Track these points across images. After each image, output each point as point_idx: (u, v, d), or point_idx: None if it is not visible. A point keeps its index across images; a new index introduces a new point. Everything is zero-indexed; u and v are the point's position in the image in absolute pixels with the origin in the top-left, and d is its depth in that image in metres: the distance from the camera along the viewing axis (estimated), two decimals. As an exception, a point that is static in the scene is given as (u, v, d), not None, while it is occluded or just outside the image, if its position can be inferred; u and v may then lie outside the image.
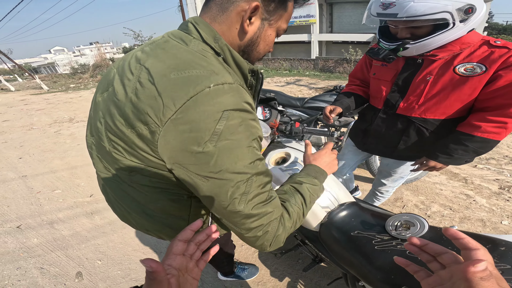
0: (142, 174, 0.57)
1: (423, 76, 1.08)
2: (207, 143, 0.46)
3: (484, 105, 1.02)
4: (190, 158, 0.47)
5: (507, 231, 1.83)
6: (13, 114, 7.03)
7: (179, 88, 0.47)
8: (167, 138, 0.47)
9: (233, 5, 0.54)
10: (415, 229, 0.89)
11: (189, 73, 0.48)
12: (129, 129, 0.51)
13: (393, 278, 0.81)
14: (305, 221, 1.07)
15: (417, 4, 0.85)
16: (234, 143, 0.48)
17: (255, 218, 0.53)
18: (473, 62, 0.97)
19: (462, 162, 1.11)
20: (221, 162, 0.47)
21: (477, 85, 0.99)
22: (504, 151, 3.04)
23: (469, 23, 0.91)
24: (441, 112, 1.11)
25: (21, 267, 1.80)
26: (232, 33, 0.57)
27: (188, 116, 0.46)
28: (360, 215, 1.05)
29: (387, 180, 1.54)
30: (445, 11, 0.85)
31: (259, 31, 0.59)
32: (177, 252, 0.44)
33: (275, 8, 0.58)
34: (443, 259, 0.43)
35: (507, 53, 0.92)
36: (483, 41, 0.99)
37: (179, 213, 0.67)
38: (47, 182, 2.99)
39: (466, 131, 1.05)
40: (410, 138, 1.23)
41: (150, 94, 0.48)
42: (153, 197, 0.62)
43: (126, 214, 0.73)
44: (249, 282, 1.64)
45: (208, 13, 0.57)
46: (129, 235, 2.06)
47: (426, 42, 0.96)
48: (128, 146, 0.54)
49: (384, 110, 1.27)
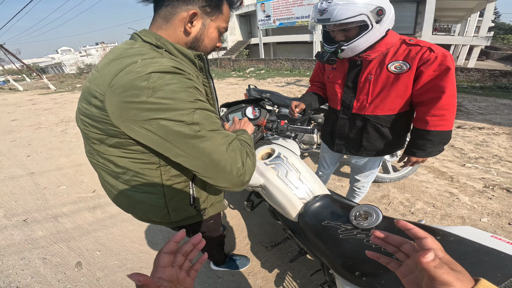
0: (107, 144, 0.70)
1: (366, 76, 1.21)
2: (143, 97, 0.58)
3: (420, 100, 1.16)
4: (132, 110, 0.59)
5: (486, 228, 1.91)
6: (22, 114, 7.28)
7: (114, 67, 0.62)
8: (110, 102, 0.61)
9: (175, 15, 0.71)
10: (371, 219, 0.99)
11: (124, 59, 0.63)
12: (88, 105, 0.67)
13: (350, 264, 0.90)
14: (286, 211, 1.17)
15: (342, 8, 1.00)
16: (169, 91, 0.59)
17: (212, 141, 0.65)
18: (399, 60, 1.12)
19: (436, 153, 1.24)
20: (163, 107, 0.59)
21: (408, 82, 1.13)
22: (494, 151, 3.09)
23: (383, 23, 1.06)
24: (388, 108, 1.25)
25: (25, 257, 1.94)
26: (178, 34, 0.73)
27: (121, 81, 0.59)
28: (331, 206, 1.15)
29: (360, 176, 1.65)
30: (362, 14, 1.00)
31: (201, 30, 0.76)
32: (165, 264, 0.44)
33: (212, 12, 0.74)
34: (404, 249, 0.45)
35: (420, 50, 1.08)
36: (401, 40, 1.15)
37: (152, 185, 0.80)
38: (53, 178, 3.16)
39: (421, 127, 1.18)
40: (370, 135, 1.35)
41: (96, 77, 0.66)
42: (122, 169, 0.76)
43: (113, 192, 0.86)
44: (241, 272, 1.72)
45: (155, 24, 0.74)
46: (128, 228, 2.19)
47: (356, 43, 1.10)
48: (91, 120, 0.68)
49: (343, 110, 1.39)
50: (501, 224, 1.94)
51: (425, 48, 1.08)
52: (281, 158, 1.27)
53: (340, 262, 0.92)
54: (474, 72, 8.02)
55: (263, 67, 13.06)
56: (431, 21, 12.55)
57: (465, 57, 15.42)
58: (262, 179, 1.23)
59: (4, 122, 6.34)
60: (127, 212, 0.92)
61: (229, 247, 1.95)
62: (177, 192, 0.86)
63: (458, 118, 4.44)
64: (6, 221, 2.36)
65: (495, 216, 2.03)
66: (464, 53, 15.56)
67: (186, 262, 0.49)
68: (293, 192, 1.16)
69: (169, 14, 0.71)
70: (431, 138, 1.17)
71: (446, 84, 1.06)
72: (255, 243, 1.96)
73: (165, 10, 0.71)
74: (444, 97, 1.07)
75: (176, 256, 0.47)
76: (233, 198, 2.53)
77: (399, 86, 1.15)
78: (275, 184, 1.19)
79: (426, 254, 0.37)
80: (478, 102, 5.43)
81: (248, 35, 21.10)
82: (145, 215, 0.89)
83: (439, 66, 1.05)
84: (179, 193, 0.87)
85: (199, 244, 0.51)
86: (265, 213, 2.20)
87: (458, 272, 0.36)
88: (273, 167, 1.24)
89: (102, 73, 0.64)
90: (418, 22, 13.51)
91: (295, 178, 1.20)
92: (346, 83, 1.31)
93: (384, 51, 1.14)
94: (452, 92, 1.08)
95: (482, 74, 7.83)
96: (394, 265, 0.47)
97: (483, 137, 3.54)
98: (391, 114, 1.26)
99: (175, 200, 0.87)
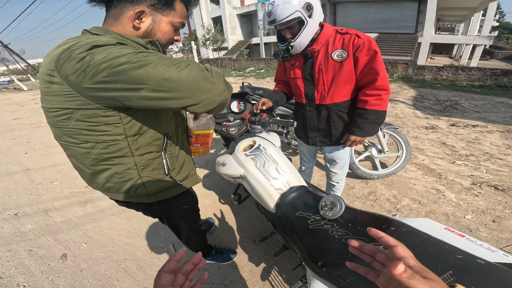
0: (74, 119, 0.73)
1: (318, 67, 1.32)
2: (87, 57, 0.63)
3: (362, 83, 1.31)
4: (81, 74, 0.64)
5: (468, 225, 1.91)
6: (24, 113, 7.39)
7: (60, 48, 0.68)
8: (61, 74, 0.66)
9: (122, 14, 0.77)
10: (336, 209, 1.00)
11: (69, 42, 0.69)
12: (47, 84, 0.71)
13: (315, 255, 0.91)
14: (264, 202, 1.20)
15: (282, 8, 1.12)
16: (111, 52, 0.64)
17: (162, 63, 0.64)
18: (338, 48, 1.25)
19: (372, 133, 1.39)
20: (107, 59, 0.63)
21: (350, 68, 1.26)
22: (485, 148, 3.08)
23: (314, 17, 1.18)
24: (342, 95, 1.36)
25: (12, 249, 1.98)
26: (128, 30, 0.78)
27: (68, 55, 0.65)
28: (305, 197, 1.16)
29: (335, 168, 1.68)
30: (296, 11, 1.12)
31: (151, 26, 0.81)
32: (165, 284, 0.43)
33: (163, 9, 0.80)
34: (378, 258, 0.44)
35: (351, 37, 1.22)
36: (335, 30, 1.27)
37: (122, 155, 0.83)
38: (48, 174, 3.22)
39: (361, 106, 1.33)
40: (336, 123, 1.44)
41: (45, 61, 0.72)
42: (91, 143, 0.79)
43: (86, 171, 0.88)
44: (228, 266, 1.74)
45: (106, 22, 0.79)
46: (116, 221, 2.23)
47: (300, 39, 1.21)
48: (54, 96, 0.72)
49: (308, 103, 1.47)
50: (484, 222, 1.93)
51: (354, 35, 1.21)
52: (260, 149, 1.30)
53: (308, 253, 0.94)
54: (475, 71, 7.96)
55: (264, 67, 13.07)
56: (433, 20, 12.48)
57: (468, 57, 15.29)
58: (242, 170, 1.26)
59: (6, 121, 6.45)
60: (103, 190, 0.95)
61: (217, 241, 1.98)
62: (150, 162, 0.90)
63: (452, 116, 4.43)
64: (-3, 215, 2.41)
65: (480, 213, 2.03)
66: (467, 52, 15.43)
67: (186, 282, 0.48)
68: (270, 182, 1.19)
69: (118, 14, 0.77)
70: (367, 116, 1.31)
71: (377, 66, 1.21)
72: (243, 237, 1.98)
73: (114, 11, 0.77)
74: (379, 78, 1.22)
75: (176, 275, 0.46)
76: (224, 193, 2.56)
77: (345, 73, 1.28)
78: (253, 175, 1.22)
79: (397, 266, 0.36)
80: (475, 100, 5.39)
81: (249, 35, 21.14)
82: (120, 188, 0.91)
83: (368, 50, 1.20)
84: (152, 163, 0.91)
85: (200, 263, 0.50)
86: (255, 207, 2.22)
87: (431, 281, 0.36)
88: (252, 158, 1.27)
89: (50, 55, 0.70)
90: (420, 22, 13.42)
91: (273, 169, 1.23)
92: (305, 77, 1.40)
93: (325, 42, 1.27)
94: (384, 73, 1.22)
95: (483, 73, 7.77)
96: (373, 275, 0.45)
97: (476, 134, 3.52)
98: (347, 100, 1.39)
99: (148, 170, 0.91)
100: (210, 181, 2.83)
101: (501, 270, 0.64)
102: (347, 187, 2.51)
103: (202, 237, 1.56)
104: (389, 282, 0.41)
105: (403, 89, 6.93)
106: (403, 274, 0.35)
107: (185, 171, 1.07)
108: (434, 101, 5.51)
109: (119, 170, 0.87)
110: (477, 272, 0.65)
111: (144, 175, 0.91)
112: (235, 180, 1.41)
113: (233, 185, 2.56)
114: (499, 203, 2.12)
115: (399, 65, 8.97)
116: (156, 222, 2.16)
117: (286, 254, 1.74)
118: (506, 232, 1.81)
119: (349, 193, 2.41)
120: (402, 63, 9.00)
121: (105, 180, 0.89)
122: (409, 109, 5.03)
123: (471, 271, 0.65)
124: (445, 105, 5.12)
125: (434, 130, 3.83)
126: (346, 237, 0.92)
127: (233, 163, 1.31)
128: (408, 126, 4.07)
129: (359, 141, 1.42)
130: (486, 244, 0.81)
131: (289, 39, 1.24)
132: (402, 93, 6.51)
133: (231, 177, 1.34)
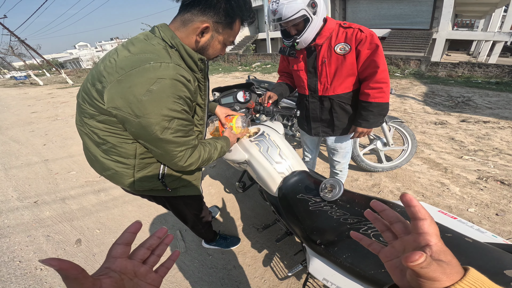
0: (96, 120, 0.82)
1: (321, 60, 1.36)
2: (142, 96, 0.71)
3: (364, 76, 1.35)
4: (126, 103, 0.73)
5: (471, 218, 1.91)
6: (41, 107, 7.70)
7: (129, 63, 0.73)
8: (111, 91, 0.74)
9: (191, 23, 0.81)
10: (335, 191, 1.06)
11: (140, 55, 0.75)
12: (92, 87, 0.79)
13: (315, 234, 0.98)
14: (267, 185, 1.27)
15: (287, 6, 1.15)
16: (163, 97, 0.73)
17: (176, 145, 0.84)
18: (341, 42, 1.28)
19: (378, 124, 1.46)
20: (150, 108, 0.73)
21: (352, 61, 1.30)
22: (495, 144, 3.03)
23: (319, 14, 1.22)
24: (345, 87, 1.40)
25: (31, 235, 2.13)
26: (189, 39, 0.84)
27: (130, 79, 0.72)
28: (306, 180, 1.23)
29: (337, 157, 1.74)
30: (302, 9, 1.16)
31: (208, 42, 0.87)
32: (116, 255, 0.41)
33: (223, 29, 0.85)
34: (395, 228, 0.41)
35: (354, 31, 1.25)
36: (338, 25, 1.30)
37: (125, 157, 0.91)
38: (65, 165, 3.40)
39: (364, 99, 1.37)
40: (338, 114, 1.49)
41: (111, 65, 0.76)
42: (103, 140, 0.87)
43: (92, 158, 0.98)
44: (231, 251, 1.81)
45: (174, 24, 0.84)
46: (128, 209, 2.36)
47: (305, 35, 1.25)
48: (89, 98, 0.81)
49: (311, 94, 1.51)
50: (487, 215, 1.94)
51: (357, 29, 1.25)
52: (264, 136, 1.38)
53: (308, 232, 1.00)
54: (492, 68, 7.69)
55: (270, 62, 13.02)
56: (449, 15, 12.01)
57: (486, 54, 14.70)
58: (247, 155, 1.34)
59: (25, 114, 6.76)
60: (99, 173, 1.04)
61: (222, 228, 2.06)
62: (147, 166, 0.97)
63: (463, 112, 4.34)
64: (18, 203, 2.59)
65: (484, 206, 2.03)
66: (486, 49, 14.82)
67: (152, 256, 0.45)
68: (273, 166, 1.26)
69: (187, 20, 0.81)
70: (372, 109, 1.36)
71: (378, 60, 1.22)
72: (247, 225, 2.06)
73: (185, 16, 0.81)
74: (379, 71, 1.24)
75: (139, 249, 0.44)
76: (229, 183, 2.65)
77: (347, 65, 1.32)
78: (257, 159, 1.29)
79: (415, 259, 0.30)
80: (490, 97, 5.24)
81: (256, 30, 20.98)
82: (112, 179, 1.00)
83: (370, 44, 1.24)
84: (149, 167, 0.98)
85: (166, 238, 0.47)
86: (259, 196, 2.30)
87: (446, 265, 0.32)
88: (256, 143, 1.35)
89: (119, 63, 0.75)
90: (436, 17, 12.96)
91: (276, 153, 1.30)
92: (308, 69, 1.45)
93: (328, 36, 1.31)
94: (384, 67, 1.26)
95: (501, 70, 7.50)
96: (377, 247, 0.43)
97: (486, 130, 3.46)
98: (349, 92, 1.43)
99: (142, 173, 0.97)
100: (215, 171, 2.92)
101: (487, 248, 0.69)
102: (351, 179, 2.54)
103: (207, 224, 1.62)
104: (395, 256, 0.38)
105: (413, 85, 6.79)
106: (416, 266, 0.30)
107: (183, 181, 1.12)
108: (445, 97, 5.39)
109: (117, 167, 0.94)
110: (464, 249, 0.70)
111: (137, 176, 0.97)
112: (240, 166, 1.49)
113: (238, 175, 2.65)
114: (504, 197, 2.11)
115: (411, 61, 8.74)
116: (168, 211, 2.25)
117: (288, 241, 1.80)
118: (508, 225, 1.82)
119: (353, 185, 2.44)
120: (414, 59, 8.76)
121: (102, 168, 0.98)
122: (418, 105, 4.95)
123: (459, 248, 0.70)
124: (457, 101, 5.00)
125: (443, 125, 3.78)
126: (344, 217, 0.98)
127: (238, 148, 1.39)
128: (416, 121, 4.02)
129: (366, 132, 1.47)
130: (476, 226, 0.85)
131: (294, 36, 1.27)
132: (413, 89, 6.38)
133: (236, 162, 1.41)
